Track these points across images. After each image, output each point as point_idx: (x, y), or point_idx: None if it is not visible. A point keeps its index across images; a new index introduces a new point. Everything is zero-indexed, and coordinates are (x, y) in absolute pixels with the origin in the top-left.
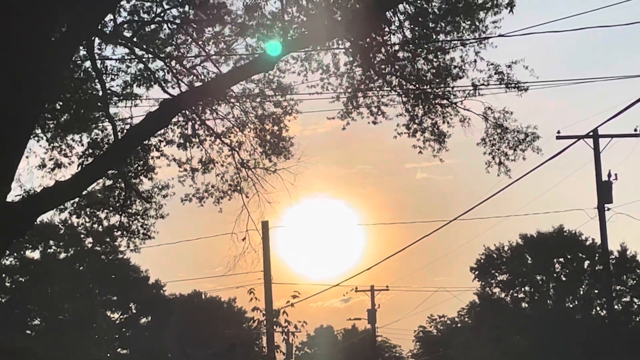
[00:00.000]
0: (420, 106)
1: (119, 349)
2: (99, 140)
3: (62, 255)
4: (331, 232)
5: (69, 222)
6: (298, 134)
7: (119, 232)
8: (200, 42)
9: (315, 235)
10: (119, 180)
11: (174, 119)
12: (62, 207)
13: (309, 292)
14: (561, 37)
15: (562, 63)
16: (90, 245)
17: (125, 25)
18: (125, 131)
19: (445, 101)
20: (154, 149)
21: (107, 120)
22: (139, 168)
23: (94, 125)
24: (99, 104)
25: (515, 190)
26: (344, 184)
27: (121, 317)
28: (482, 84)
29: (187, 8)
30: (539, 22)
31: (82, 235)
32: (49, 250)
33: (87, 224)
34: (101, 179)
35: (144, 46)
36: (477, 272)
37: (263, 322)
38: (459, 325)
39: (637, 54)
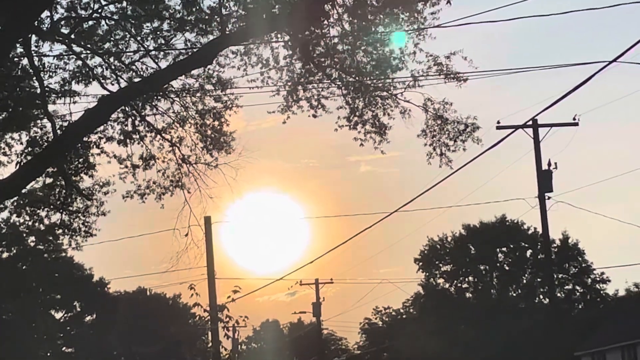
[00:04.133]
0: (361, 98)
1: (64, 348)
2: (38, 138)
3: (5, 255)
4: (276, 226)
5: (11, 221)
6: (242, 129)
7: (61, 230)
8: (138, 38)
9: (259, 229)
10: (59, 178)
11: (114, 115)
12: (2, 205)
13: (254, 287)
14: (500, 28)
15: (502, 54)
16: (32, 244)
17: (63, 22)
18: (64, 128)
19: (385, 93)
20: (94, 146)
21: (45, 117)
22: (79, 165)
23: (32, 123)
24: (37, 101)
25: (457, 181)
26: (288, 178)
27: (65, 315)
28: (422, 75)
29: (124, 4)
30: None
31: (24, 234)
32: None
33: (29, 223)
34: (41, 177)
35: (82, 43)
36: (421, 263)
37: (205, 318)
38: (404, 316)
39: (574, 43)
